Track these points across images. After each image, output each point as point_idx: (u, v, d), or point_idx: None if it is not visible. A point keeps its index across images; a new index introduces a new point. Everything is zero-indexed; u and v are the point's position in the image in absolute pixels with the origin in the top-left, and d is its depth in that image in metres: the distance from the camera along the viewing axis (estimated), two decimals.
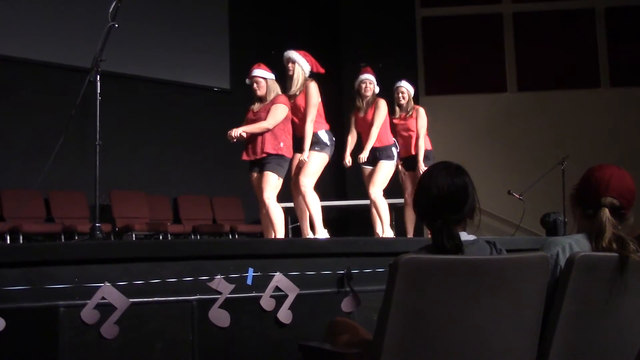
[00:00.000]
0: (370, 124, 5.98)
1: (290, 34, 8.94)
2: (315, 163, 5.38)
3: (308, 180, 5.35)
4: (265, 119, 5.27)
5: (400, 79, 6.62)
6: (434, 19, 10.52)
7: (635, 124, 9.81)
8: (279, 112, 5.30)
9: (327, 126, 5.54)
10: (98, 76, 4.27)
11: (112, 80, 5.02)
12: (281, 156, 5.28)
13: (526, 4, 10.45)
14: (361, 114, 6.12)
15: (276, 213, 5.24)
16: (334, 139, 5.54)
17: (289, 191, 5.72)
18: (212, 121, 9.06)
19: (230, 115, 6.75)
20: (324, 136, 5.46)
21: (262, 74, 5.43)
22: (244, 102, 5.76)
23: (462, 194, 2.18)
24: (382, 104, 6.03)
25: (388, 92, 6.33)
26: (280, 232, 5.27)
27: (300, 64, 5.48)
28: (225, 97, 9.32)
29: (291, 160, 5.47)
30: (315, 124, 5.42)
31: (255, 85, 5.41)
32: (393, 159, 6.00)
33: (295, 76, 5.48)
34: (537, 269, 2.06)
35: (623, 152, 9.15)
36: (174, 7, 9.02)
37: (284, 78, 5.68)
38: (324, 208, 5.59)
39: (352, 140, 6.23)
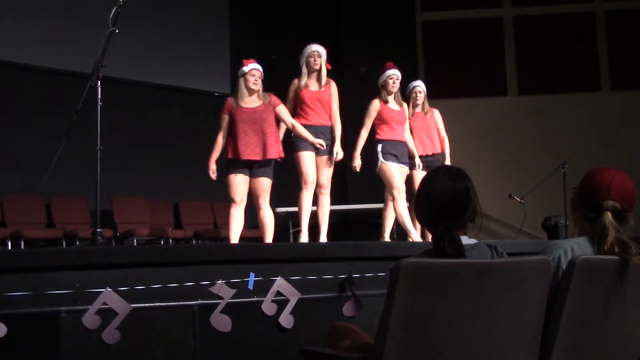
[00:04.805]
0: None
1: (291, 39, 8.95)
2: (333, 165, 5.61)
3: (329, 183, 5.59)
4: (268, 119, 5.28)
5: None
6: (434, 23, 10.52)
7: (635, 127, 9.80)
8: (287, 111, 5.42)
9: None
10: (99, 81, 4.28)
11: (112, 85, 5.03)
12: (275, 160, 5.34)
13: (526, 7, 10.46)
14: (396, 108, 6.02)
15: (272, 217, 5.32)
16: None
17: (289, 195, 5.73)
18: (213, 126, 9.03)
19: None
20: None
21: (261, 69, 5.41)
22: None
23: (463, 198, 2.17)
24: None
25: None
26: (271, 236, 5.33)
27: (324, 60, 5.58)
28: None
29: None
30: (327, 119, 5.56)
31: (253, 78, 5.33)
32: (378, 159, 5.92)
33: (322, 71, 5.56)
34: (539, 272, 2.06)
35: (623, 155, 9.14)
36: (174, 13, 9.02)
37: (284, 81, 5.66)
38: None
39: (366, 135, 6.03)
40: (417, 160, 6.13)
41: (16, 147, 7.63)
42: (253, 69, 5.35)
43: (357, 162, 5.81)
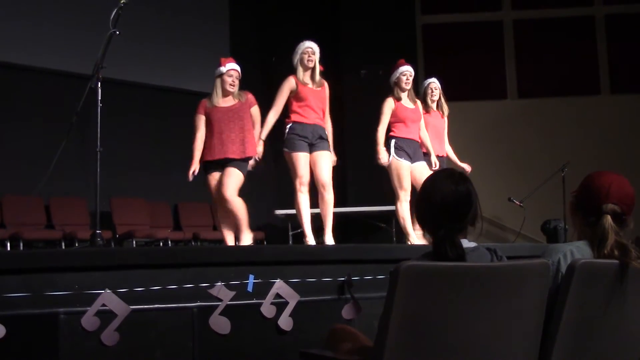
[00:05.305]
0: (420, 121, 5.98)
1: (291, 41, 8.94)
2: (331, 163, 5.44)
3: (330, 180, 5.41)
4: (244, 117, 5.21)
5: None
6: (434, 26, 10.53)
7: (635, 130, 9.81)
8: (259, 117, 5.35)
9: None
10: (99, 83, 4.28)
11: (112, 86, 5.03)
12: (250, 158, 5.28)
13: (526, 11, 10.47)
14: (410, 106, 5.92)
15: (242, 206, 5.16)
16: None
17: (288, 197, 5.70)
18: None
19: None
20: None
21: (239, 69, 5.32)
22: None
23: (465, 202, 2.17)
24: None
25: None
26: (245, 223, 5.17)
27: (318, 57, 5.48)
28: None
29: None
30: (321, 119, 5.48)
31: (230, 79, 5.25)
32: (390, 154, 5.85)
33: (316, 69, 5.44)
34: (538, 275, 2.06)
35: (623, 158, 9.14)
36: (174, 15, 9.02)
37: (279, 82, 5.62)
38: None
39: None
40: (434, 159, 6.02)
41: (16, 148, 7.62)
42: (231, 70, 5.25)
43: (383, 154, 5.71)
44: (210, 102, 5.27)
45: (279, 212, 8.40)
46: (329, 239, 5.38)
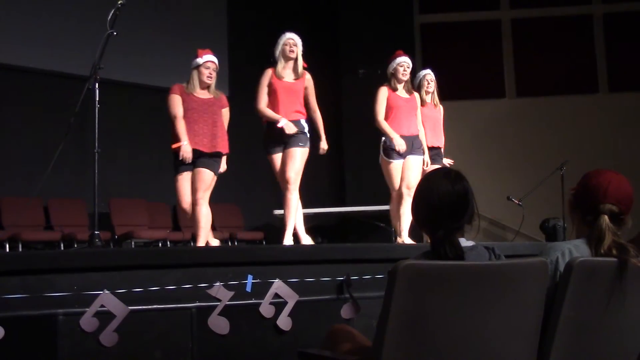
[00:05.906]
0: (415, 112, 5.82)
1: None
2: (303, 159, 5.16)
3: (298, 178, 5.12)
4: (219, 115, 5.12)
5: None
6: (432, 26, 10.53)
7: (633, 129, 9.82)
8: (227, 119, 5.27)
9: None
10: (97, 84, 4.28)
11: (110, 87, 5.03)
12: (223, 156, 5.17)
13: (524, 10, 10.48)
14: (405, 96, 5.75)
15: (208, 215, 5.02)
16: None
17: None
18: None
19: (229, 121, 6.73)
20: (307, 126, 5.25)
21: (216, 61, 5.19)
22: (243, 108, 5.75)
23: (463, 200, 2.16)
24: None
25: None
26: (204, 236, 5.02)
27: (300, 49, 5.30)
28: None
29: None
30: (299, 112, 5.26)
31: (208, 71, 5.10)
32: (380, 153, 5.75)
33: (298, 61, 5.27)
34: (536, 274, 2.06)
35: (621, 157, 9.15)
36: (172, 15, 9.03)
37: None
38: (321, 215, 5.52)
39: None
40: (426, 158, 5.88)
41: (14, 149, 7.62)
42: (208, 61, 5.12)
43: (399, 141, 5.51)
44: (187, 89, 5.11)
45: (277, 212, 8.40)
46: (286, 242, 5.12)
